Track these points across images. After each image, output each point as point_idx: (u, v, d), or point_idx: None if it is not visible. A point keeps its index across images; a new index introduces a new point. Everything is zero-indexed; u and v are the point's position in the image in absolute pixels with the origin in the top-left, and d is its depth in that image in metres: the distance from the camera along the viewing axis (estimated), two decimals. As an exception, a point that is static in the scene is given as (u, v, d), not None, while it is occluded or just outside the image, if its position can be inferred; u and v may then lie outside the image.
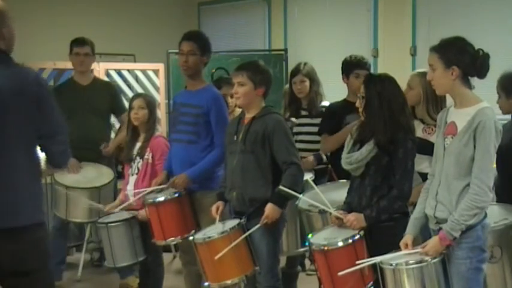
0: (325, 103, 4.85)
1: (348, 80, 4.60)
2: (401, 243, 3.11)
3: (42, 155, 3.07)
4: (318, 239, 3.36)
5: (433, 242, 2.99)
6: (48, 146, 2.99)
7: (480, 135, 2.90)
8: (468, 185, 2.94)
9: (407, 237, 3.12)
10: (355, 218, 3.32)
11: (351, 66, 4.59)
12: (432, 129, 3.71)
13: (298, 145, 4.06)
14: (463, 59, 2.98)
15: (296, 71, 4.91)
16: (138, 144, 4.54)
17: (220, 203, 3.81)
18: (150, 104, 4.56)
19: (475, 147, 2.92)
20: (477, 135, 2.91)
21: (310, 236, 3.46)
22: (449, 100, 3.41)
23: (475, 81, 3.06)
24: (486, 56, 3.01)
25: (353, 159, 3.40)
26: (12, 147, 2.86)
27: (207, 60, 4.23)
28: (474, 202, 2.89)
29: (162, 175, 4.27)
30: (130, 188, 4.50)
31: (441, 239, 2.95)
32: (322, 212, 3.68)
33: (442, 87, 3.06)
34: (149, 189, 4.22)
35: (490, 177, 2.93)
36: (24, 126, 2.88)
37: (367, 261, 3.14)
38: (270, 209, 3.57)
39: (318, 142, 4.73)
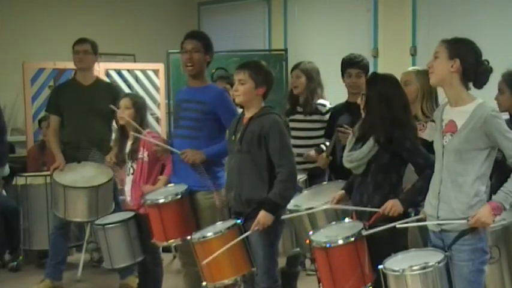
0: (321, 101, 4.81)
1: (344, 80, 4.61)
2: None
3: None
4: (319, 236, 3.36)
5: (484, 211, 2.92)
6: None
7: (492, 126, 2.91)
8: (477, 178, 2.94)
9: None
10: (393, 204, 3.28)
11: (343, 67, 4.60)
12: (423, 126, 3.73)
13: (293, 141, 3.96)
14: (468, 57, 2.99)
15: (295, 65, 4.92)
16: (129, 143, 4.50)
17: None
18: (137, 104, 4.50)
19: (487, 137, 2.92)
20: (487, 127, 2.91)
21: (310, 233, 3.45)
22: (441, 97, 3.43)
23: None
24: (490, 69, 3.02)
25: (354, 157, 3.41)
26: None
27: (210, 59, 4.17)
28: None
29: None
30: (127, 188, 4.49)
31: (493, 209, 2.91)
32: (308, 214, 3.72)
33: (438, 75, 3.04)
34: (160, 143, 4.17)
35: None
36: None
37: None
38: (261, 216, 3.54)
39: (311, 138, 4.74)
